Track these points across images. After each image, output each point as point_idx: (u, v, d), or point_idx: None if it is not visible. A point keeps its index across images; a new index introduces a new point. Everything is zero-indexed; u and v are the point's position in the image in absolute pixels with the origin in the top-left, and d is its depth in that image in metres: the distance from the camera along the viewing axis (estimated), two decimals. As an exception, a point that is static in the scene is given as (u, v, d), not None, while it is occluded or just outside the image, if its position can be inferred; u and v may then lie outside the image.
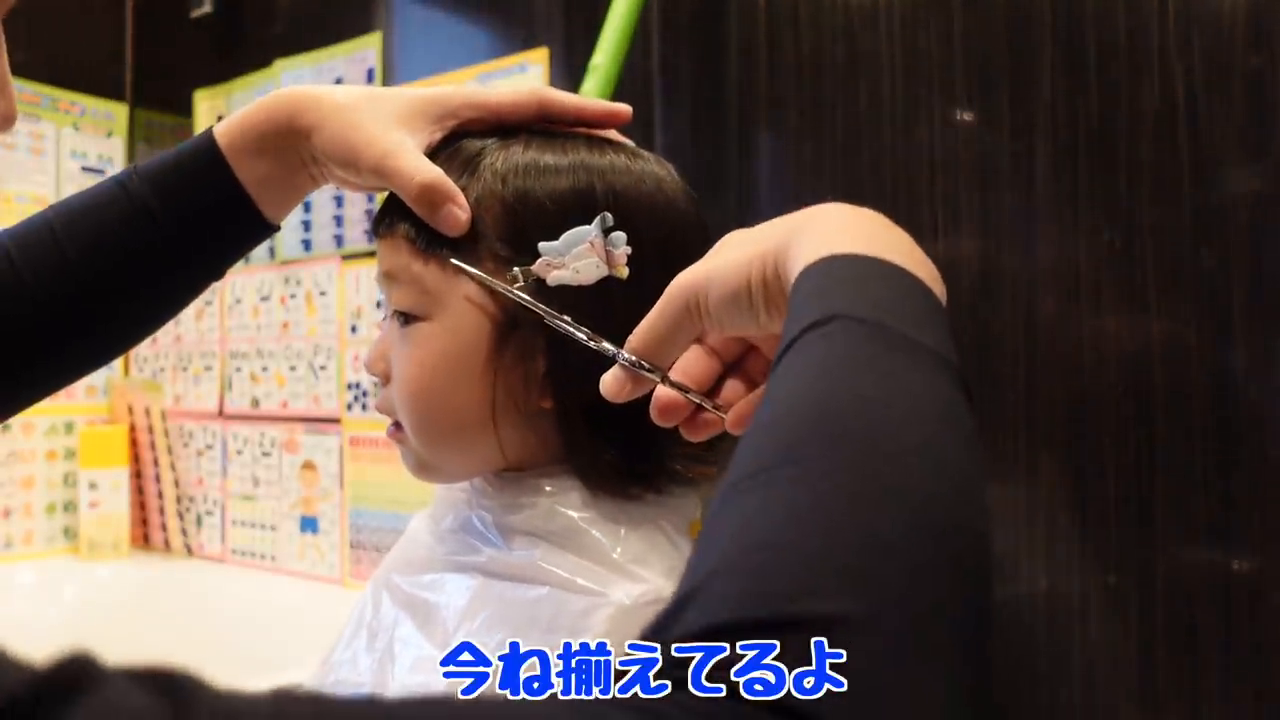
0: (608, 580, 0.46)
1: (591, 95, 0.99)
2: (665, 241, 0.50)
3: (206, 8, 1.64)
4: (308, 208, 1.53)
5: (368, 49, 1.45)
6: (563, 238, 0.47)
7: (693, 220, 0.53)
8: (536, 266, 0.47)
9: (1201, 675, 0.81)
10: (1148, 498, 0.83)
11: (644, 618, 0.43)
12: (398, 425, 0.52)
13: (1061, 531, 0.88)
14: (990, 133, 0.92)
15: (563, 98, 0.52)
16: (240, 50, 1.65)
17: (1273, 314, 0.78)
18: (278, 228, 0.55)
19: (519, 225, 0.48)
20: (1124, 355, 0.85)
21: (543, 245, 0.47)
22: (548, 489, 0.50)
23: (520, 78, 1.26)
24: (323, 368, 1.50)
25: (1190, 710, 0.81)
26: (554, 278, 0.47)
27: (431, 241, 0.49)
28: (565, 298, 0.47)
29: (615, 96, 1.01)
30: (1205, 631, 0.81)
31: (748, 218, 1.06)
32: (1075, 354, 0.87)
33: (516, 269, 0.47)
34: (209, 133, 0.52)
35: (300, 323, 1.53)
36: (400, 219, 0.50)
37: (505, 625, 0.47)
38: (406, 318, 0.50)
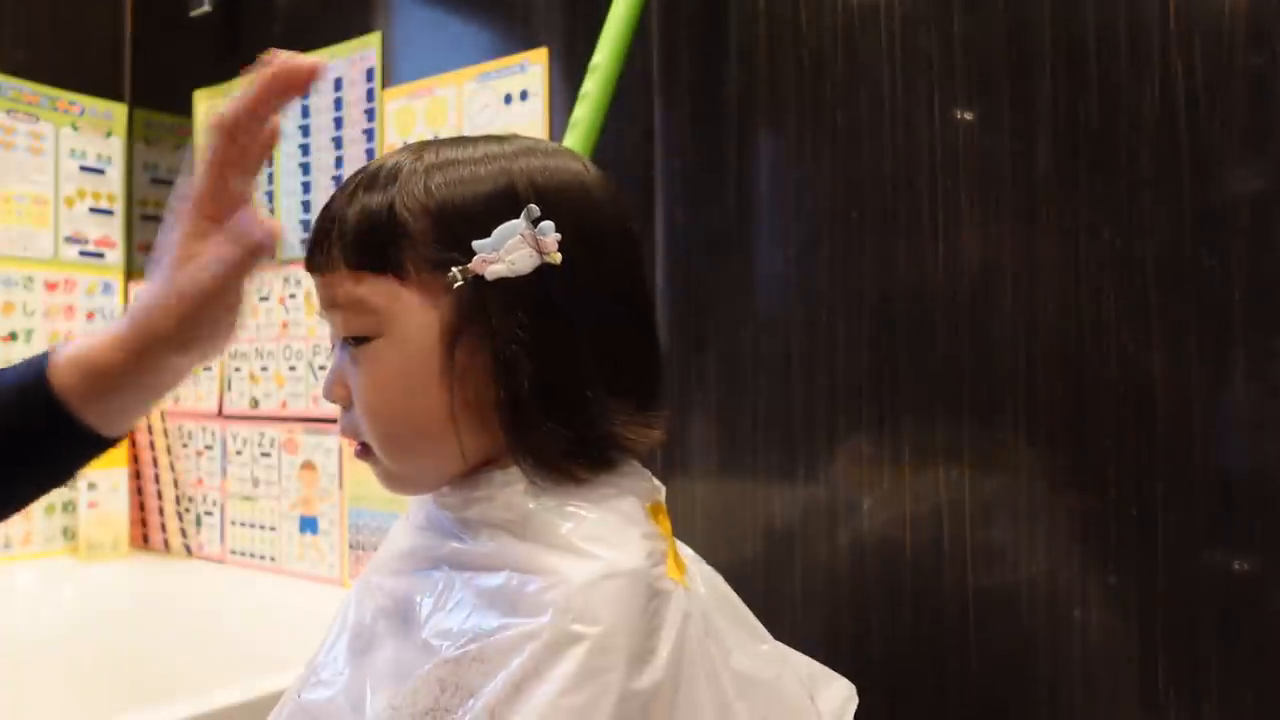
0: (563, 561, 0.47)
1: (591, 95, 0.99)
2: (584, 224, 0.52)
3: (206, 7, 1.64)
4: (307, 208, 1.53)
5: (368, 49, 1.45)
6: (494, 234, 0.48)
7: (606, 202, 0.55)
8: (474, 264, 0.48)
9: (1201, 675, 0.81)
10: (1148, 498, 0.83)
11: (600, 591, 0.44)
12: (364, 446, 0.54)
13: (1061, 531, 0.88)
14: (990, 133, 0.92)
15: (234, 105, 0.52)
16: (240, 50, 1.65)
17: (1273, 314, 0.79)
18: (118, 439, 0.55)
19: (449, 228, 0.50)
20: (1124, 355, 0.85)
21: (477, 244, 0.48)
22: (500, 481, 0.51)
23: (520, 77, 1.26)
24: (322, 368, 1.49)
25: (1190, 710, 0.81)
26: (491, 272, 0.48)
27: (366, 261, 0.50)
28: (506, 290, 0.49)
29: (615, 96, 1.01)
30: (1205, 631, 0.81)
31: (748, 217, 1.06)
32: (1075, 354, 0.87)
33: (455, 269, 0.49)
34: (44, 378, 0.50)
35: (299, 323, 1.53)
36: (331, 247, 0.51)
37: (470, 612, 0.47)
38: (357, 340, 0.51)
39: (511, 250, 0.48)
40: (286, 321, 1.55)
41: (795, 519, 1.03)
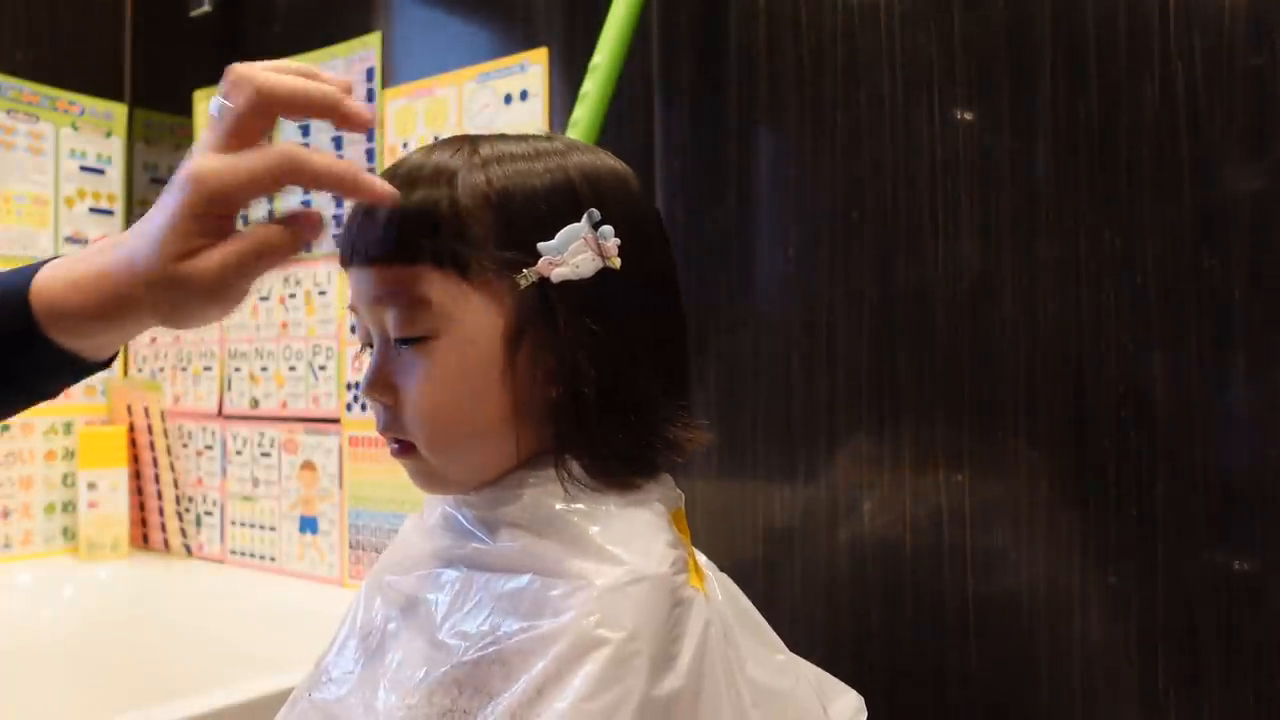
0: (589, 565, 0.46)
1: (591, 95, 0.99)
2: (633, 224, 0.52)
3: (206, 7, 1.64)
4: (306, 207, 1.53)
5: (368, 49, 1.45)
6: (558, 236, 0.48)
7: (645, 200, 0.56)
8: (540, 266, 0.48)
9: (1201, 675, 0.81)
10: (1148, 497, 0.83)
11: (625, 597, 0.44)
12: (402, 444, 0.53)
13: (1061, 531, 0.88)
14: (990, 133, 0.92)
15: (313, 162, 0.47)
16: (240, 49, 1.65)
17: (1273, 314, 0.79)
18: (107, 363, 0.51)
19: (512, 228, 0.49)
20: (1124, 355, 0.85)
21: (542, 245, 0.48)
22: (530, 482, 0.50)
23: (520, 77, 1.26)
24: (322, 368, 1.49)
25: (1190, 710, 0.81)
26: (557, 275, 0.48)
27: (428, 257, 0.49)
28: (569, 292, 0.49)
29: (615, 96, 1.01)
30: (1205, 631, 0.81)
31: (748, 218, 1.06)
32: (1075, 354, 0.87)
33: (525, 271, 0.49)
34: (26, 297, 0.46)
35: (300, 322, 1.53)
36: (389, 241, 0.50)
37: (490, 614, 0.47)
38: (410, 339, 0.50)
39: (575, 253, 0.48)
40: (286, 322, 1.55)
41: (795, 519, 1.03)
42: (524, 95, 1.26)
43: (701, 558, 0.55)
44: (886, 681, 0.96)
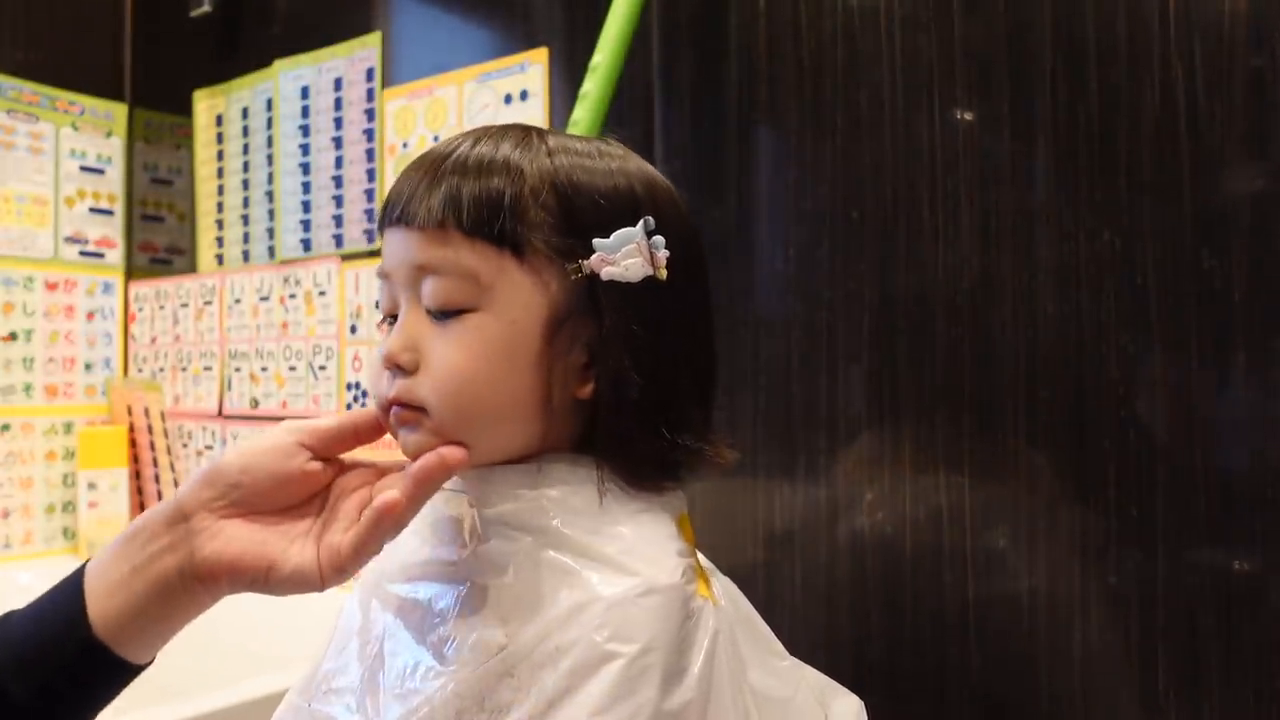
0: (599, 574, 0.46)
1: (591, 95, 0.99)
2: (683, 241, 0.52)
3: (206, 7, 1.64)
4: (307, 208, 1.53)
5: (368, 49, 1.45)
6: (614, 236, 0.49)
7: (691, 221, 0.56)
8: (593, 261, 0.49)
9: (1201, 675, 0.81)
10: (1148, 498, 0.83)
11: (638, 609, 0.44)
12: (413, 410, 0.50)
13: (1061, 531, 0.88)
14: (990, 133, 0.92)
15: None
16: (240, 50, 1.65)
17: (1273, 314, 0.79)
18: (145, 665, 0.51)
19: (572, 218, 0.50)
20: (1124, 355, 0.85)
21: (597, 242, 0.49)
22: (542, 484, 0.50)
23: (520, 77, 1.26)
24: (322, 368, 1.49)
25: (1190, 710, 0.81)
26: (606, 273, 0.49)
27: (486, 230, 0.48)
28: (615, 293, 0.49)
29: (615, 96, 1.01)
30: (1205, 631, 0.81)
31: (748, 217, 1.06)
32: (1075, 354, 0.87)
33: (581, 261, 0.49)
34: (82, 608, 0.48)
35: (300, 322, 1.53)
36: (447, 209, 0.49)
37: (497, 621, 0.47)
38: (450, 310, 0.49)
39: (627, 256, 0.49)
40: (286, 322, 1.55)
41: (795, 520, 1.03)
42: (524, 95, 1.26)
43: (703, 560, 0.55)
44: (886, 682, 0.96)
